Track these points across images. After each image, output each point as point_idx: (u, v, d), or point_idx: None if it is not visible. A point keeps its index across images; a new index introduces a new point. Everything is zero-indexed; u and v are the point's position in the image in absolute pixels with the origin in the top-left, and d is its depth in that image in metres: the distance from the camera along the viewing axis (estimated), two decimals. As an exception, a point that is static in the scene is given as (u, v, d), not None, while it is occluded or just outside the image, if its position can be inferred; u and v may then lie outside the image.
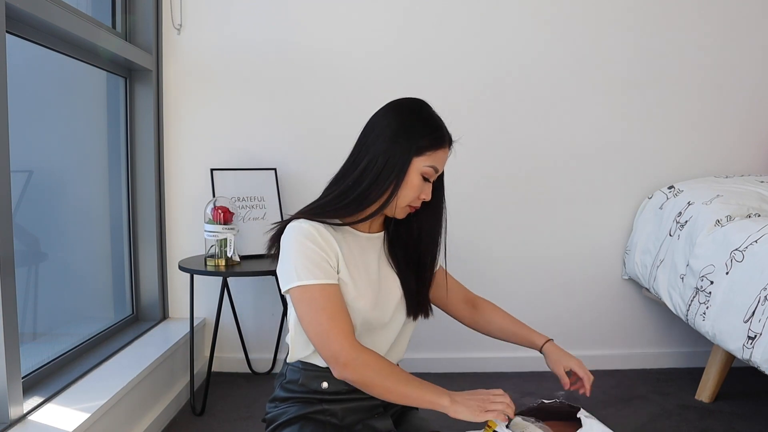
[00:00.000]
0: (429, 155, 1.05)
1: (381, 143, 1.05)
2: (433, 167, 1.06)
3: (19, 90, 1.55)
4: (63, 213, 2.00)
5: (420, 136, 1.05)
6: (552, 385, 2.32)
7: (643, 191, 2.47)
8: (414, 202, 1.08)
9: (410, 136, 1.05)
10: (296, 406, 1.11)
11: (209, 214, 2.07)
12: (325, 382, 1.10)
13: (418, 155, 1.05)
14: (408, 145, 1.04)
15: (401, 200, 1.07)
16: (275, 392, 1.17)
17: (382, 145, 1.05)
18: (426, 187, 1.08)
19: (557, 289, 2.50)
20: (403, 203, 1.07)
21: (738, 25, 2.43)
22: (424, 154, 1.05)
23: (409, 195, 1.06)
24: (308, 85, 2.35)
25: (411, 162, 1.05)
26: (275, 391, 1.17)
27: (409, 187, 1.06)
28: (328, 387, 1.10)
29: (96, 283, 2.19)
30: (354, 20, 2.34)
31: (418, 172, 1.05)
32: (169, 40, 2.31)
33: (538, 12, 2.38)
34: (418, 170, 1.05)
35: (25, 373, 1.53)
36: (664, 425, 1.96)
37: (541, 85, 2.40)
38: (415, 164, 1.05)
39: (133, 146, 2.26)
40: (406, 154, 1.04)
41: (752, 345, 1.66)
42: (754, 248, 1.74)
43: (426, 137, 1.05)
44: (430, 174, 1.06)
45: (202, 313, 2.41)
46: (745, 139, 2.51)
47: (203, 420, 2.00)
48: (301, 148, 2.37)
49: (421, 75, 2.35)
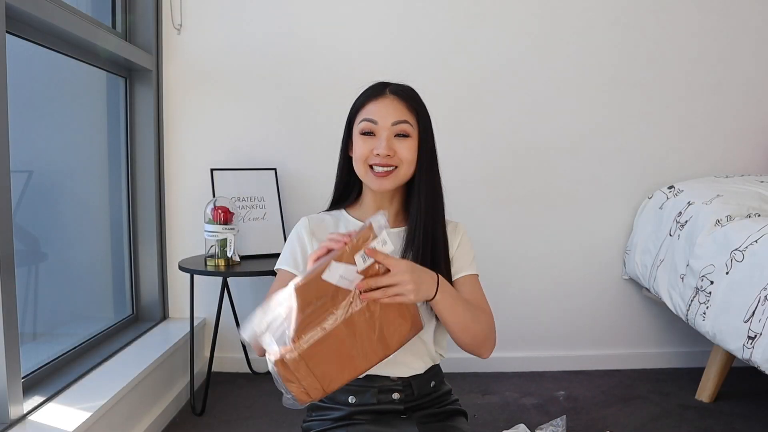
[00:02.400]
0: (362, 111, 1.11)
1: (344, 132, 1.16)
2: (367, 119, 1.09)
3: (19, 90, 1.55)
4: (63, 213, 2.00)
5: (355, 101, 1.14)
6: (552, 386, 2.32)
7: (643, 191, 2.47)
8: (371, 160, 1.08)
9: (349, 113, 1.15)
10: (328, 420, 1.12)
11: (209, 214, 2.07)
12: (352, 396, 1.10)
13: (355, 116, 1.12)
14: (347, 122, 1.14)
15: (356, 163, 1.11)
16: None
17: (344, 133, 1.16)
18: (375, 142, 1.08)
19: (557, 289, 2.50)
20: (359, 167, 1.10)
21: (738, 25, 2.43)
22: (359, 113, 1.11)
23: (357, 156, 1.10)
24: (308, 84, 2.35)
25: (352, 126, 1.13)
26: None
27: (355, 151, 1.10)
28: (356, 400, 1.10)
29: (96, 283, 2.19)
30: (354, 20, 2.34)
31: (357, 132, 1.10)
32: (169, 40, 2.31)
33: (538, 11, 2.38)
34: (357, 131, 1.10)
35: (25, 373, 1.53)
36: (664, 425, 1.96)
37: (540, 84, 2.40)
38: (355, 126, 1.12)
39: (133, 146, 2.26)
40: (346, 131, 1.14)
41: (752, 345, 1.66)
42: (754, 248, 1.74)
43: (359, 98, 1.13)
44: (367, 128, 1.09)
45: (202, 313, 2.41)
46: (745, 139, 2.51)
47: (203, 420, 2.00)
48: (301, 148, 2.37)
49: (421, 74, 2.34)
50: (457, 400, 1.20)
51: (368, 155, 1.08)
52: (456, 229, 1.18)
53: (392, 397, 1.10)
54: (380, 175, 1.08)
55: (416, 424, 1.09)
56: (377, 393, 1.10)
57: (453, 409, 1.17)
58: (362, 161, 1.09)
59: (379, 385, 1.10)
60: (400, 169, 1.08)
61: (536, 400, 2.18)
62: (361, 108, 1.11)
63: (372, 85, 1.14)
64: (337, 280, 0.84)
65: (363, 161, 1.08)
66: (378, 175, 1.08)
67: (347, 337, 0.87)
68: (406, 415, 1.12)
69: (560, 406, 2.12)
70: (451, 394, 1.21)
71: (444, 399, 1.18)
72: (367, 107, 1.10)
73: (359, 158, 1.09)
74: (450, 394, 1.21)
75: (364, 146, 1.08)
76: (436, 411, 1.15)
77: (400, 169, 1.08)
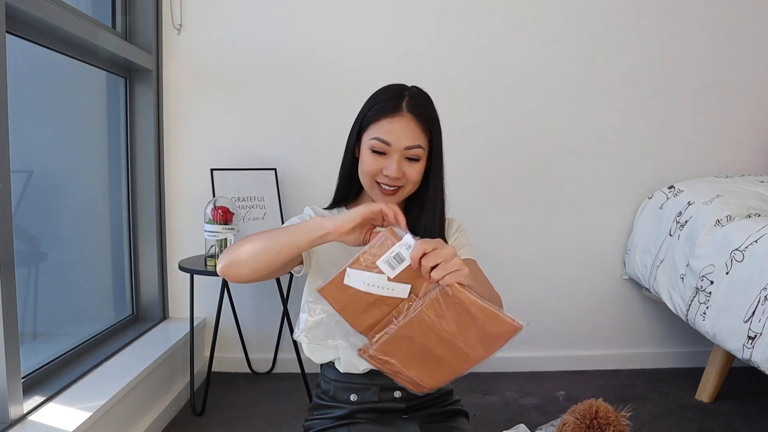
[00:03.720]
0: (373, 127, 1.06)
1: (351, 130, 1.12)
2: (380, 139, 1.04)
3: (19, 90, 1.55)
4: (63, 213, 2.00)
5: (365, 110, 1.08)
6: (552, 385, 2.32)
7: (643, 191, 2.47)
8: (379, 178, 1.06)
9: (360, 113, 1.09)
10: (330, 418, 1.12)
11: (209, 214, 2.06)
12: (354, 394, 1.11)
13: (364, 129, 1.07)
14: (356, 123, 1.09)
15: (362, 175, 1.08)
16: (313, 401, 1.19)
17: (351, 131, 1.11)
18: (385, 162, 1.04)
19: (557, 288, 2.50)
20: (366, 180, 1.08)
21: (738, 25, 2.43)
22: (369, 128, 1.06)
23: (365, 170, 1.06)
24: (308, 84, 2.35)
25: (361, 138, 1.08)
26: (313, 400, 1.20)
27: (363, 163, 1.07)
28: (357, 398, 1.10)
29: (96, 283, 2.19)
30: (354, 20, 2.34)
31: (368, 147, 1.06)
32: (169, 40, 2.31)
33: (538, 11, 2.38)
34: (367, 145, 1.06)
35: (25, 373, 1.53)
36: (664, 425, 1.96)
37: (541, 85, 2.40)
38: (364, 140, 1.07)
39: (133, 146, 2.26)
40: (354, 132, 1.10)
41: (752, 345, 1.66)
42: (754, 248, 1.74)
43: (369, 109, 1.07)
44: (378, 147, 1.04)
45: (202, 313, 2.41)
46: (745, 139, 2.51)
47: (203, 420, 2.00)
48: (301, 148, 2.37)
49: (421, 74, 2.33)
50: (458, 401, 1.21)
51: (377, 173, 1.05)
52: (451, 224, 1.20)
53: (394, 395, 1.11)
54: (387, 193, 1.07)
55: (418, 424, 1.10)
56: (379, 391, 1.10)
57: (454, 410, 1.17)
58: (370, 177, 1.06)
59: (381, 383, 1.10)
60: (405, 188, 1.08)
61: (536, 400, 2.18)
62: (374, 121, 1.05)
63: (388, 92, 1.08)
64: (362, 287, 0.86)
65: (371, 177, 1.06)
66: (384, 192, 1.07)
67: (420, 333, 0.88)
68: (407, 415, 1.12)
69: (560, 406, 2.12)
70: (453, 394, 1.21)
71: (445, 399, 1.18)
72: (381, 123, 1.04)
73: (367, 173, 1.06)
74: (451, 394, 1.21)
75: (374, 163, 1.05)
76: (437, 411, 1.15)
77: (405, 188, 1.08)
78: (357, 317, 0.89)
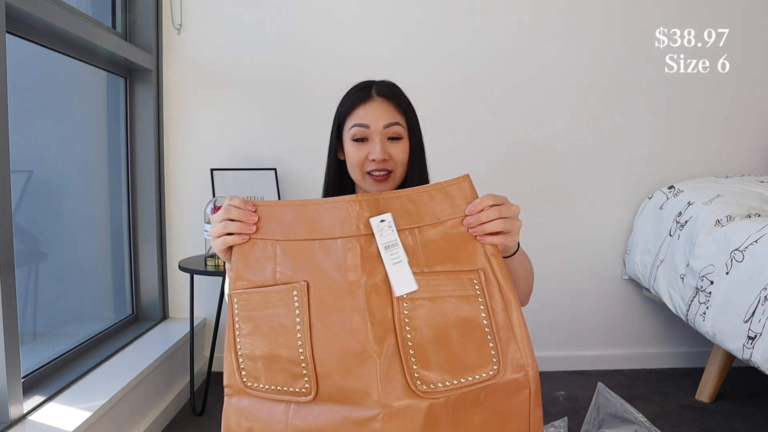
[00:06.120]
0: (349, 119, 1.09)
1: (331, 134, 1.14)
2: (359, 124, 1.06)
3: (19, 90, 1.55)
4: (63, 213, 2.00)
5: (339, 108, 1.11)
6: (552, 385, 2.32)
7: (643, 191, 2.47)
8: (367, 166, 1.07)
9: (335, 114, 1.12)
10: None
11: (209, 214, 2.07)
12: None
13: (342, 125, 1.10)
14: (334, 124, 1.12)
15: (351, 169, 1.09)
16: None
17: (331, 135, 1.14)
18: (369, 147, 1.06)
19: (557, 289, 2.50)
20: (356, 173, 1.08)
21: (738, 25, 2.43)
22: (346, 121, 1.09)
23: (353, 162, 1.07)
24: (308, 84, 2.35)
25: (342, 136, 1.10)
26: None
27: (350, 157, 1.08)
28: None
29: (96, 283, 2.19)
30: (355, 20, 2.34)
31: (349, 138, 1.08)
32: (169, 40, 2.31)
33: (537, 9, 2.38)
34: (349, 136, 1.08)
35: (25, 373, 1.53)
36: (664, 425, 1.96)
37: (541, 84, 2.40)
38: (345, 135, 1.09)
39: (133, 146, 2.26)
40: (334, 133, 1.12)
41: (752, 345, 1.66)
42: (754, 248, 1.74)
43: (342, 106, 1.11)
44: (358, 133, 1.06)
45: (202, 313, 2.41)
46: (745, 139, 2.51)
47: (203, 420, 2.00)
48: (301, 148, 2.37)
49: (420, 74, 2.35)
50: None
51: (364, 161, 1.06)
52: None
53: None
54: (379, 179, 1.07)
55: None
56: None
57: None
58: (358, 168, 1.07)
59: None
60: (395, 172, 1.08)
61: None
62: (349, 113, 1.09)
63: (356, 87, 1.12)
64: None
65: (359, 167, 1.07)
66: (376, 179, 1.07)
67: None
68: None
69: (560, 406, 2.12)
70: None
71: None
72: (355, 112, 1.07)
73: (355, 165, 1.07)
74: None
75: (359, 152, 1.06)
76: None
77: (396, 172, 1.08)
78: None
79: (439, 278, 0.78)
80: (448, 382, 0.75)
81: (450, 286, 0.78)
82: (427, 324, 0.76)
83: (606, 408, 1.48)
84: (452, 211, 0.81)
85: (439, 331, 0.76)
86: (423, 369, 0.74)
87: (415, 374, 0.74)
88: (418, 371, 0.74)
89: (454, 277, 0.78)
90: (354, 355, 0.75)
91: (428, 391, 0.74)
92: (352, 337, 0.75)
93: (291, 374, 0.78)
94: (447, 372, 0.75)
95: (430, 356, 0.75)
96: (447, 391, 0.74)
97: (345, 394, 0.75)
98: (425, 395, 0.73)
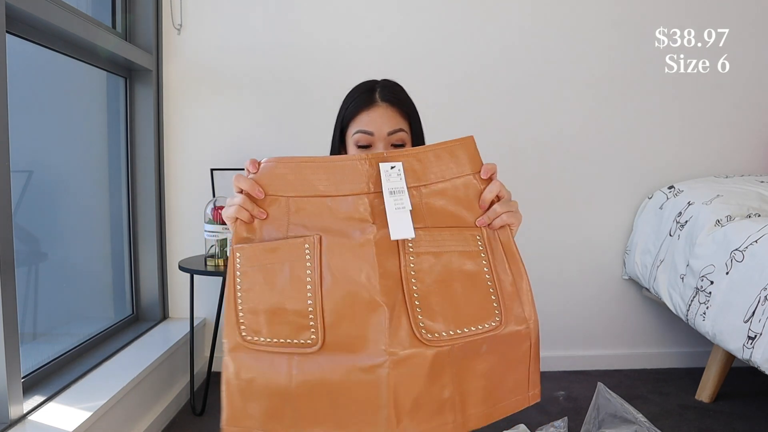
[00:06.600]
0: (353, 124, 1.08)
1: (332, 137, 1.14)
2: (363, 131, 1.06)
3: (19, 90, 1.55)
4: (63, 213, 2.00)
5: (342, 112, 1.10)
6: (552, 385, 2.32)
7: (643, 191, 2.47)
8: None
9: (337, 116, 1.11)
10: None
11: (209, 214, 2.07)
12: None
13: (345, 129, 1.09)
14: (336, 127, 1.11)
15: None
16: None
17: (333, 137, 1.14)
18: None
19: (557, 289, 2.50)
20: None
21: (738, 25, 2.43)
22: (350, 126, 1.08)
23: None
24: (308, 84, 2.35)
25: (345, 140, 1.09)
26: None
27: None
28: None
29: (96, 283, 2.19)
30: (356, 19, 2.34)
31: (353, 143, 1.07)
32: (169, 40, 2.31)
33: (537, 10, 2.38)
34: (352, 142, 1.07)
35: (25, 373, 1.53)
36: (664, 425, 1.96)
37: (540, 83, 2.40)
38: (348, 140, 1.08)
39: (133, 146, 2.26)
40: (336, 136, 1.11)
41: (752, 345, 1.66)
42: (754, 248, 1.74)
43: (345, 109, 1.09)
44: (362, 140, 1.06)
45: (202, 313, 2.41)
46: (745, 139, 2.51)
47: (203, 420, 2.00)
48: (302, 148, 2.37)
49: (420, 74, 2.35)
50: None
51: None
52: None
53: None
54: None
55: None
56: None
57: None
58: None
59: None
60: None
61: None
62: (352, 118, 1.08)
63: (359, 89, 1.10)
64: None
65: None
66: None
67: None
68: None
69: (560, 406, 2.12)
70: None
71: None
72: (359, 118, 1.07)
73: None
74: None
75: None
76: None
77: None
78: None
79: (444, 234, 0.83)
80: (452, 331, 0.78)
81: (454, 242, 0.82)
82: (432, 277, 0.80)
83: (606, 408, 1.48)
84: (457, 170, 0.86)
85: (444, 283, 0.80)
86: (428, 319, 0.78)
87: (421, 324, 0.78)
88: (423, 321, 0.78)
89: (458, 233, 0.83)
90: (363, 305, 0.78)
91: (433, 339, 0.77)
92: (361, 288, 0.78)
93: (296, 326, 0.79)
94: (451, 322, 0.79)
95: (434, 307, 0.79)
96: (451, 340, 0.78)
97: (352, 343, 0.77)
98: (430, 344, 0.77)
